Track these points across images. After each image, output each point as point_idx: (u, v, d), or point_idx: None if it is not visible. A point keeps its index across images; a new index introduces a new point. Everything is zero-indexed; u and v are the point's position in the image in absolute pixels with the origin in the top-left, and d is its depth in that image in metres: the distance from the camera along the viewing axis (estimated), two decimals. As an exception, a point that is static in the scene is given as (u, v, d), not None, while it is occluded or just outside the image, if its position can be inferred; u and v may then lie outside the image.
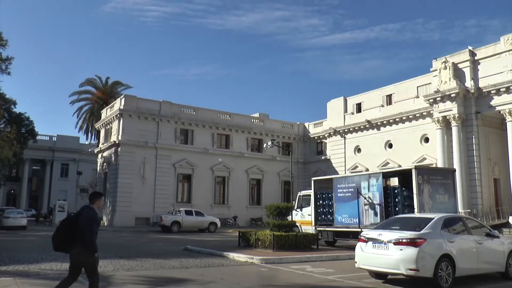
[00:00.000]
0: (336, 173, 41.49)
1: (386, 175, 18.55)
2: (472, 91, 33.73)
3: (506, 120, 32.70)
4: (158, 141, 41.06)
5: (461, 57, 35.13)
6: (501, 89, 32.40)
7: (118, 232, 31.56)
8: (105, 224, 39.68)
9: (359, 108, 45.16)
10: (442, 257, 10.14)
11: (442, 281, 10.02)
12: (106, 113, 45.43)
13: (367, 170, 37.71)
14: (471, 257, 10.96)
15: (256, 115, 50.72)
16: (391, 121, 40.84)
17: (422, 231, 10.41)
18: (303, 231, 22.46)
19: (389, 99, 42.29)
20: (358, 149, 44.47)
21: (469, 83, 34.19)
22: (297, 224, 23.07)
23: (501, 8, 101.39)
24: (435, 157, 35.66)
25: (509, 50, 32.62)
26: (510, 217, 31.83)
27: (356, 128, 44.31)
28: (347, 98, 46.81)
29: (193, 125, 43.48)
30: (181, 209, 34.64)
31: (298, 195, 26.14)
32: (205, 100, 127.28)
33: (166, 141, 41.53)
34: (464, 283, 10.81)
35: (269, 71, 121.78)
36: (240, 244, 19.50)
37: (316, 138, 50.53)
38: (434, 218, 11.15)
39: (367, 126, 43.17)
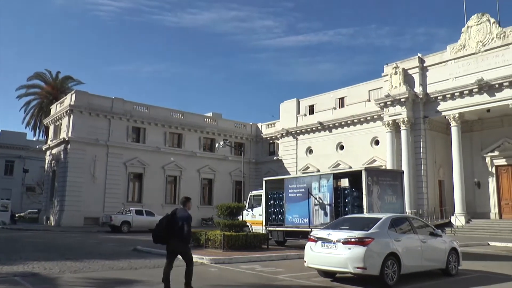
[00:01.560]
0: (288, 173, 41.86)
1: (337, 176, 18.78)
2: (421, 96, 34.93)
3: (451, 125, 34.04)
4: (109, 139, 40.18)
5: (411, 63, 36.28)
6: (447, 96, 33.74)
7: (65, 232, 30.58)
8: (52, 224, 38.49)
9: (311, 110, 45.78)
10: (389, 255, 10.42)
11: (388, 279, 10.29)
12: (55, 109, 44.05)
13: (319, 171, 38.27)
14: (415, 255, 11.34)
15: (209, 114, 50.53)
16: (343, 123, 41.61)
17: (370, 231, 10.65)
18: (254, 231, 22.45)
19: (341, 102, 43.10)
20: (310, 150, 45.02)
21: (418, 89, 35.36)
22: (247, 224, 23.08)
23: (447, 18, 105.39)
24: (384, 159, 36.62)
25: (454, 59, 34.09)
26: (452, 217, 33.19)
27: (309, 129, 44.87)
28: (300, 100, 47.38)
29: (146, 123, 42.82)
30: (132, 208, 34.04)
31: (249, 195, 26.16)
32: (158, 98, 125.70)
33: (117, 139, 40.68)
34: (408, 279, 11.12)
35: (224, 70, 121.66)
36: (191, 244, 19.29)
37: (268, 138, 50.84)
38: (382, 218, 11.43)
39: (319, 127, 43.78)
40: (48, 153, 44.76)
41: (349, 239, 10.39)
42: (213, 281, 11.45)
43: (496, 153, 35.18)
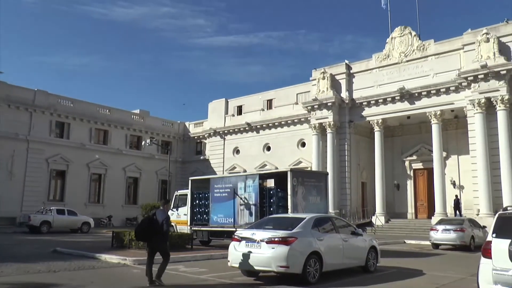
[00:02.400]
0: (215, 173, 41.81)
1: (263, 177, 18.89)
2: (347, 101, 36.20)
3: (374, 129, 35.53)
4: (30, 134, 38.10)
5: (338, 69, 37.47)
6: (371, 102, 35.22)
7: (-24, 233, 28.62)
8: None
9: (240, 110, 46.06)
10: (311, 254, 10.64)
11: (310, 276, 10.52)
12: (-32, 100, 41.28)
13: (245, 171, 38.47)
14: (337, 254, 11.67)
15: (137, 111, 49.33)
16: (270, 125, 42.22)
17: (294, 230, 10.81)
18: (178, 231, 22.18)
19: (269, 103, 43.68)
20: (237, 151, 45.25)
21: (344, 94, 36.57)
22: (172, 224, 22.75)
23: (373, 28, 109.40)
24: (310, 161, 37.51)
25: (379, 67, 35.69)
26: (373, 216, 34.59)
27: (236, 130, 45.11)
28: (228, 100, 47.58)
29: (70, 118, 41.06)
30: (52, 208, 32.40)
31: (175, 194, 25.84)
32: (84, 92, 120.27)
33: (39, 134, 38.62)
34: (329, 277, 11.40)
35: (153, 67, 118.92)
36: (114, 245, 18.67)
37: (196, 138, 50.62)
38: (305, 218, 11.64)
39: (247, 128, 44.12)
40: (-41, 147, 41.85)
41: (272, 239, 10.49)
42: (135, 283, 11.18)
43: (415, 157, 37.10)
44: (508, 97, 28.52)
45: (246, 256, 10.83)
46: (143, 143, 41.24)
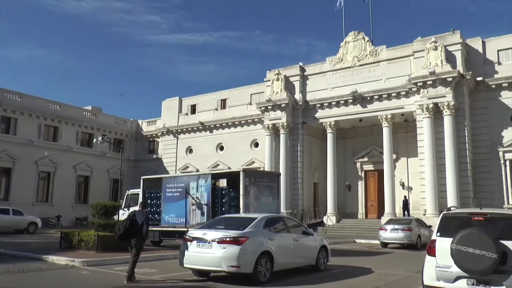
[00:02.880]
0: (167, 172, 41.46)
1: (215, 176, 18.85)
2: (300, 103, 36.61)
3: (327, 131, 36.12)
4: (-29, 129, 36.57)
5: (293, 71, 37.86)
6: (324, 104, 35.77)
7: None
8: None
9: (193, 109, 45.88)
10: (262, 254, 10.73)
11: (261, 276, 10.62)
12: None
13: (198, 170, 38.43)
14: (288, 253, 11.81)
15: (89, 108, 48.09)
16: (224, 124, 42.28)
17: (245, 230, 10.86)
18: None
19: (223, 103, 43.71)
20: (190, 150, 45.04)
21: (298, 96, 36.98)
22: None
23: (327, 32, 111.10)
24: (263, 161, 37.77)
25: (332, 70, 36.35)
26: (324, 216, 35.20)
27: (190, 129, 44.92)
28: (182, 99, 47.29)
29: (18, 113, 39.37)
30: (-4, 207, 31.25)
31: (127, 194, 25.54)
32: (34, 87, 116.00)
33: (-17, 130, 37.13)
34: (280, 276, 11.52)
35: (106, 63, 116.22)
36: (62, 245, 18.12)
37: (148, 136, 50.00)
38: (257, 218, 11.71)
39: (200, 127, 43.99)
40: None
41: (224, 239, 10.51)
42: (82, 285, 10.94)
43: (366, 159, 37.97)
44: (453, 103, 29.60)
45: (197, 256, 10.81)
46: (94, 140, 40.21)
